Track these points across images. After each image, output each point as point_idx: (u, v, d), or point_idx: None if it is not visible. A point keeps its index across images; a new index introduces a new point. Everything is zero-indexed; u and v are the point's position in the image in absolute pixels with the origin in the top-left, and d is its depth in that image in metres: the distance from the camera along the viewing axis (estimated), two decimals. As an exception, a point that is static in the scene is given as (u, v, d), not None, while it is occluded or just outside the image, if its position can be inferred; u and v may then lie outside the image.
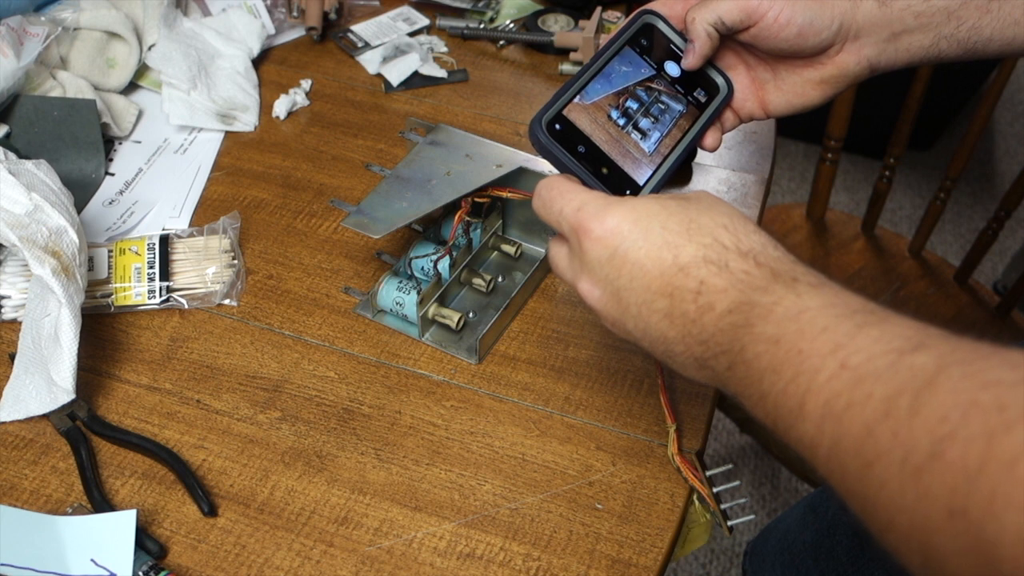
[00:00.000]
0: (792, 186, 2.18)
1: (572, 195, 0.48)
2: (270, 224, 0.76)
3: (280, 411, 0.62)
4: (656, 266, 0.44)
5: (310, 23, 0.96)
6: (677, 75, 0.59)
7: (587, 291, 0.48)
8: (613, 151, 0.54)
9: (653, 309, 0.45)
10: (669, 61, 0.58)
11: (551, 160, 0.53)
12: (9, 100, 0.78)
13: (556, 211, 0.49)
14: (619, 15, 1.00)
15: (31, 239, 0.61)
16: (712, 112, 0.59)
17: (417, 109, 0.90)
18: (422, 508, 0.57)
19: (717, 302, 0.42)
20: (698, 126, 0.58)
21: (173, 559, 0.53)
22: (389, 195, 0.67)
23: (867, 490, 0.35)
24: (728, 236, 0.44)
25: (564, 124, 0.53)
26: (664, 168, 0.56)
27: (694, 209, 0.46)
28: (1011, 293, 1.20)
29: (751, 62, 0.61)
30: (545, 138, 0.52)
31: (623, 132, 0.55)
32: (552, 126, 0.53)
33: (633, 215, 0.46)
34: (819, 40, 0.57)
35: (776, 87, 0.60)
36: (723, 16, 0.56)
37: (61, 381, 0.59)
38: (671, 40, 0.59)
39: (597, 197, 0.48)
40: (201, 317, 0.68)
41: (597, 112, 0.55)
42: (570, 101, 0.54)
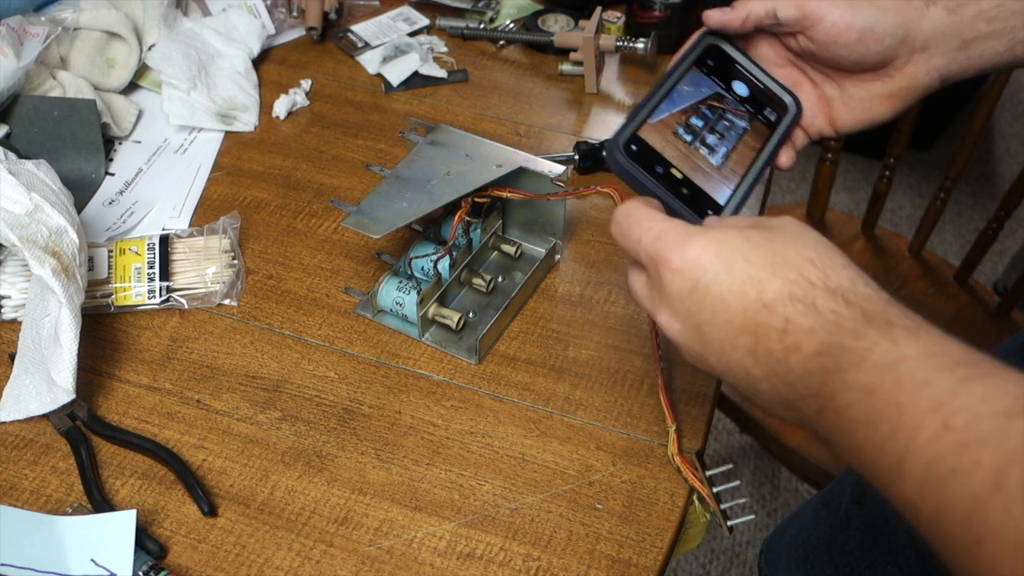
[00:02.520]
0: (792, 186, 2.18)
1: (651, 223, 0.46)
2: (270, 224, 0.76)
3: (280, 411, 0.62)
4: (739, 302, 0.42)
5: (310, 23, 0.96)
6: (745, 95, 0.58)
7: (667, 323, 0.46)
8: (691, 171, 0.53)
9: (736, 345, 0.43)
10: (736, 81, 0.58)
11: (631, 182, 0.52)
12: (9, 100, 0.78)
13: (634, 240, 0.47)
14: (619, 15, 1.00)
15: (31, 239, 0.61)
16: (784, 130, 0.58)
17: (417, 109, 0.90)
18: (422, 508, 0.57)
19: (804, 343, 0.40)
20: (771, 144, 0.57)
21: (173, 559, 0.53)
22: (389, 195, 0.67)
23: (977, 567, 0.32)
24: (815, 271, 0.42)
25: (640, 145, 0.52)
26: (743, 187, 0.55)
27: (779, 241, 0.43)
28: (1011, 293, 1.20)
29: (817, 79, 0.59)
30: (624, 159, 0.51)
31: (698, 152, 0.54)
32: (629, 147, 0.52)
33: (715, 247, 0.44)
34: (882, 48, 0.54)
35: (844, 103, 0.58)
36: (778, 9, 0.55)
37: (61, 381, 0.59)
38: (736, 60, 0.58)
39: (676, 226, 0.45)
40: (201, 317, 0.68)
41: (669, 132, 0.54)
42: (644, 122, 0.53)
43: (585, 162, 0.82)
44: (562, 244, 0.73)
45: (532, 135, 0.87)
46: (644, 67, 0.97)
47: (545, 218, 0.72)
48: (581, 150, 0.82)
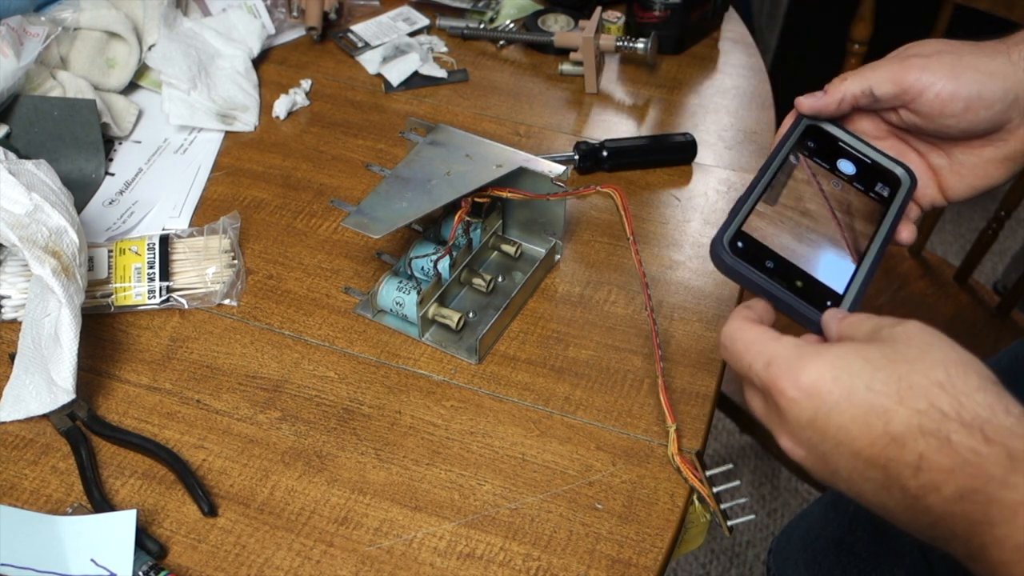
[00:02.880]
0: (792, 186, 2.18)
1: (759, 348, 0.44)
2: (270, 224, 0.76)
3: (280, 411, 0.62)
4: (865, 435, 0.39)
5: (310, 23, 0.96)
6: (852, 173, 0.55)
7: (790, 449, 0.43)
8: (803, 260, 0.50)
9: (866, 478, 0.40)
10: (841, 159, 0.55)
11: (740, 282, 0.49)
12: (9, 100, 0.78)
13: (745, 366, 0.44)
14: (619, 15, 1.00)
15: (31, 239, 0.61)
16: (900, 205, 0.54)
17: (417, 109, 0.90)
18: (422, 508, 0.57)
19: (943, 484, 0.37)
20: (888, 222, 0.54)
21: (173, 559, 0.53)
22: (389, 195, 0.67)
23: None
24: (947, 399, 0.38)
25: (746, 240, 0.49)
26: (863, 272, 0.51)
27: (902, 361, 0.40)
28: (1011, 293, 1.20)
29: (922, 149, 0.56)
30: (731, 259, 0.48)
31: (809, 239, 0.51)
32: (735, 244, 0.49)
33: (832, 372, 0.40)
34: (991, 114, 0.51)
35: (954, 171, 0.55)
36: (874, 86, 0.52)
37: (61, 381, 0.59)
38: (839, 138, 0.56)
39: (786, 349, 0.42)
40: (201, 317, 0.68)
41: (775, 221, 0.51)
42: (749, 215, 0.50)
43: (585, 162, 0.82)
44: (562, 244, 0.73)
45: (532, 135, 0.87)
46: (644, 67, 0.97)
47: (545, 218, 0.72)
48: (581, 150, 0.82)
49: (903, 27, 1.76)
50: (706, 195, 0.81)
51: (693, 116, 0.91)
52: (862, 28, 1.21)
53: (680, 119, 0.91)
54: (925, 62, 0.52)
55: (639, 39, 0.93)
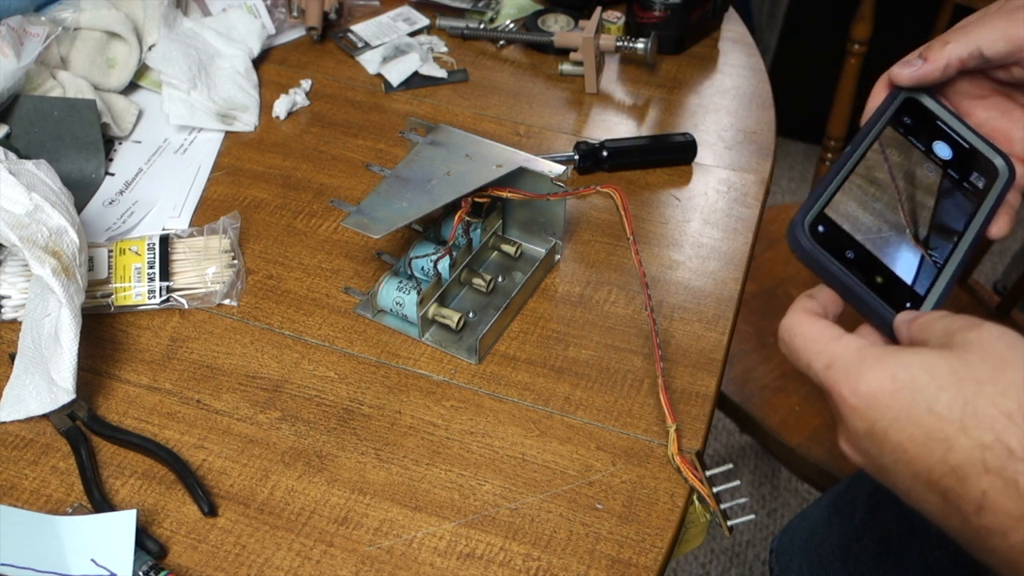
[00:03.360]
0: (792, 186, 2.18)
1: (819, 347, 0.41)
2: (270, 224, 0.76)
3: (280, 411, 0.62)
4: (923, 459, 0.36)
5: (310, 23, 0.96)
6: (948, 158, 0.50)
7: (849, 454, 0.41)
8: (885, 254, 0.46)
9: (924, 499, 0.37)
10: (938, 141, 0.51)
11: (815, 270, 0.45)
12: (9, 100, 0.78)
13: (804, 365, 0.42)
14: (619, 15, 1.00)
15: (31, 239, 0.61)
16: (995, 199, 0.50)
17: (417, 109, 0.90)
18: (422, 508, 0.57)
19: (1010, 531, 0.34)
20: (980, 217, 0.49)
21: (173, 559, 0.53)
22: (389, 195, 0.67)
23: None
24: (1016, 433, 0.34)
25: (828, 226, 0.45)
26: (947, 273, 0.47)
27: (970, 382, 0.36)
28: (1011, 293, 1.20)
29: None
30: (809, 244, 0.44)
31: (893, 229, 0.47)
32: (815, 228, 0.45)
33: (892, 385, 0.37)
34: None
35: None
36: (983, 47, 0.47)
37: (61, 381, 0.59)
38: (938, 117, 0.51)
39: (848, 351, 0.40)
40: (201, 317, 0.68)
41: (860, 207, 0.47)
42: (833, 197, 0.46)
43: (585, 162, 0.82)
44: (562, 244, 0.74)
45: (532, 135, 0.87)
46: (644, 67, 0.97)
47: (545, 218, 0.72)
48: (581, 150, 0.82)
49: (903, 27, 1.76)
50: (706, 195, 0.81)
51: (693, 116, 0.91)
52: (862, 28, 1.21)
53: (680, 119, 0.91)
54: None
55: (639, 39, 0.93)
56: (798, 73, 2.02)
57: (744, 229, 0.78)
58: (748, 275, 0.75)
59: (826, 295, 0.45)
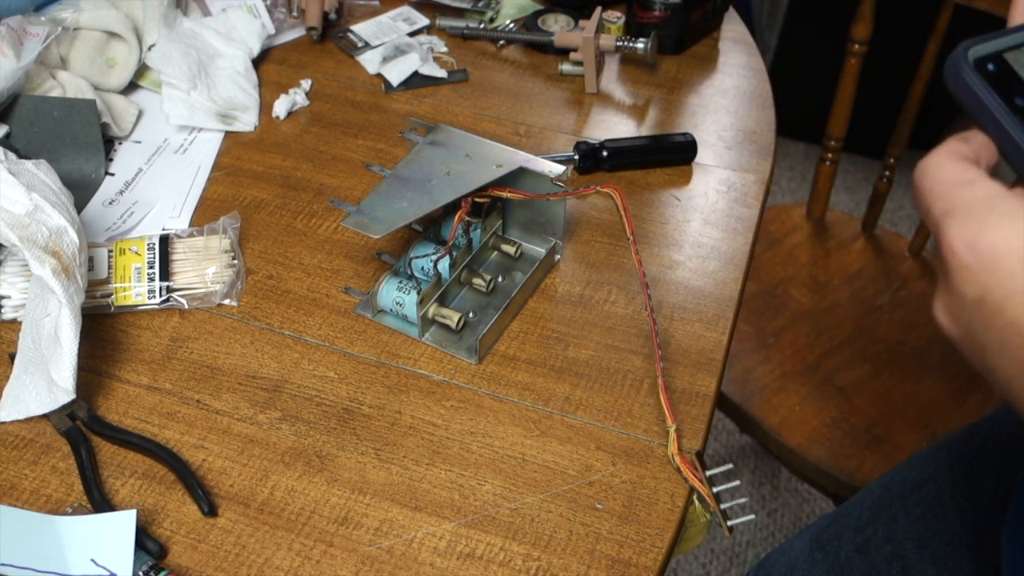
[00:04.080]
0: (792, 186, 2.19)
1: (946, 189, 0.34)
2: (270, 224, 0.76)
3: (280, 411, 0.62)
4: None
5: (310, 23, 0.96)
6: None
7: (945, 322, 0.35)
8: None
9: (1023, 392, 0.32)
10: None
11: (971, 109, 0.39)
12: (9, 100, 0.78)
13: (924, 208, 0.35)
14: (619, 15, 1.00)
15: (31, 239, 0.61)
16: None
17: (417, 109, 0.90)
18: (422, 508, 0.57)
19: None
20: None
21: (173, 559, 0.53)
22: (389, 195, 0.67)
23: None
24: None
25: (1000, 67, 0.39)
26: None
27: None
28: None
29: None
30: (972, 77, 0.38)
31: None
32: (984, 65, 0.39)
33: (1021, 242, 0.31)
34: None
35: None
36: None
37: (61, 381, 0.59)
38: None
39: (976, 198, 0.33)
40: (201, 317, 0.68)
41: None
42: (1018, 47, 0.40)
43: (585, 162, 0.82)
44: (562, 244, 0.74)
45: (532, 135, 0.87)
46: (644, 67, 0.97)
47: (545, 218, 0.72)
48: (581, 150, 0.82)
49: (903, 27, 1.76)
50: (706, 195, 0.81)
51: (693, 116, 0.91)
52: (862, 28, 1.21)
53: (680, 119, 0.91)
54: None
55: (639, 39, 0.93)
56: (798, 73, 2.02)
57: (744, 229, 0.78)
58: (748, 275, 0.75)
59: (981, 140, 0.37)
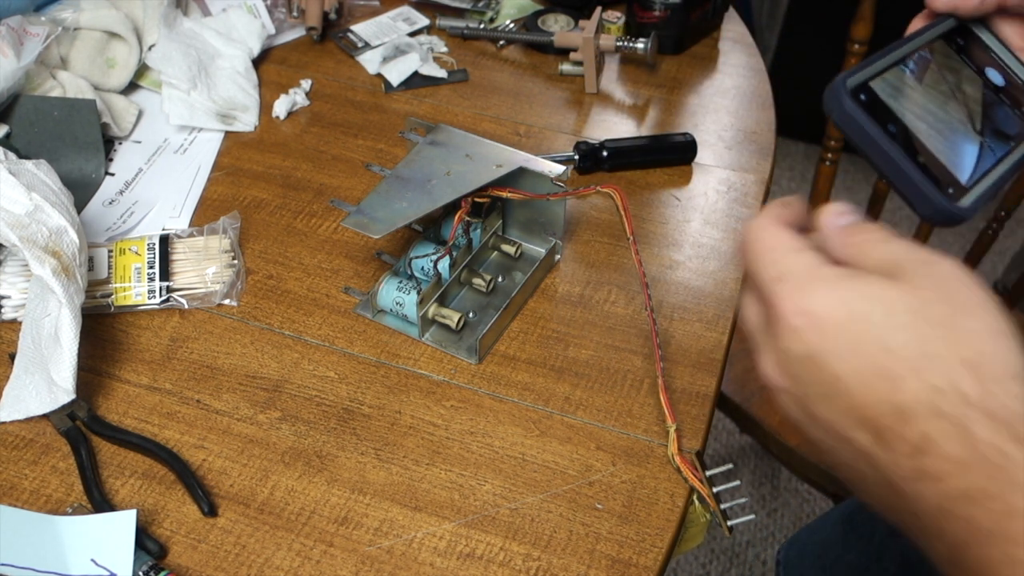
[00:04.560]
0: (792, 186, 2.19)
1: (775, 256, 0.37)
2: (270, 224, 0.76)
3: (280, 411, 0.62)
4: (864, 395, 0.34)
5: (310, 23, 0.96)
6: (1001, 84, 0.49)
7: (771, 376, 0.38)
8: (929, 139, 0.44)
9: (849, 439, 0.35)
10: (990, 69, 0.49)
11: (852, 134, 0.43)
12: (9, 100, 0.78)
13: (753, 271, 0.38)
14: (619, 15, 1.00)
15: (31, 239, 0.61)
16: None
17: (417, 109, 0.90)
18: (422, 508, 0.57)
19: (948, 476, 0.32)
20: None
21: (173, 559, 0.53)
22: (389, 195, 0.67)
23: None
24: (972, 383, 0.32)
25: (870, 96, 0.43)
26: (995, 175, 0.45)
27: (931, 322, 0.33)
28: (1011, 293, 1.20)
29: None
30: (852, 105, 0.42)
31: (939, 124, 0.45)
32: (857, 94, 0.43)
33: (844, 310, 0.34)
34: None
35: None
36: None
37: (61, 381, 0.59)
38: (992, 48, 0.50)
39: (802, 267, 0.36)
40: (201, 317, 0.68)
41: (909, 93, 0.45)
42: (884, 71, 0.44)
43: (585, 162, 0.82)
44: (562, 244, 0.73)
45: (532, 135, 0.87)
46: (644, 67, 0.97)
47: (545, 218, 0.72)
48: (581, 150, 0.82)
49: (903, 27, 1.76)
50: (706, 195, 0.81)
51: (693, 116, 0.91)
52: (862, 28, 1.21)
53: (680, 119, 0.91)
54: None
55: (639, 39, 0.93)
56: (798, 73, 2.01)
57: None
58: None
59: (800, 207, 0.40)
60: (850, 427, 0.35)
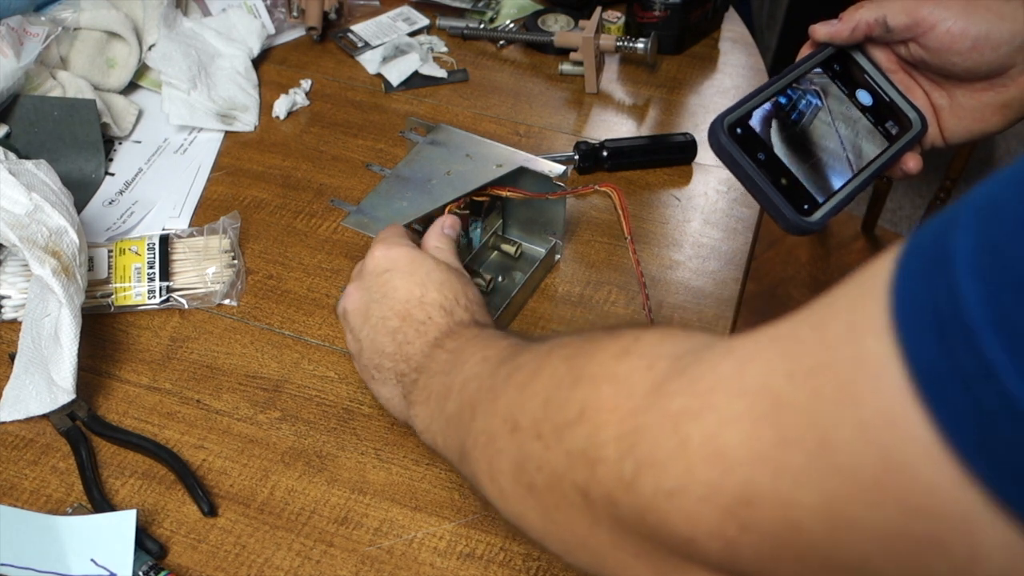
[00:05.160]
0: (792, 186, 2.18)
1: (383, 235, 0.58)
2: (270, 224, 0.76)
3: (280, 411, 0.62)
4: (405, 294, 0.54)
5: (310, 23, 0.96)
6: (869, 104, 0.57)
7: (349, 293, 0.57)
8: (793, 164, 0.54)
9: (386, 326, 0.54)
10: (861, 90, 0.57)
11: (729, 164, 0.52)
12: (9, 100, 0.78)
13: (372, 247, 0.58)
14: (619, 15, 1.00)
15: (31, 239, 0.61)
16: (903, 145, 0.57)
17: (417, 109, 0.90)
18: (422, 508, 0.56)
19: (431, 332, 0.52)
20: (885, 156, 0.57)
21: (173, 559, 0.53)
22: (389, 195, 0.67)
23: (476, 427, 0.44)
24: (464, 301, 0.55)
25: (746, 129, 0.53)
26: (845, 191, 0.55)
27: (456, 277, 0.56)
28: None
29: (927, 87, 0.58)
30: (726, 139, 0.52)
31: (805, 148, 0.54)
32: (733, 130, 0.52)
33: (414, 255, 0.56)
34: (997, 56, 0.52)
35: (953, 113, 0.57)
36: (888, 16, 0.54)
37: (61, 381, 0.59)
38: (864, 69, 0.58)
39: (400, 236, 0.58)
40: (201, 317, 0.68)
41: (779, 123, 0.54)
42: (757, 108, 0.54)
43: (585, 162, 0.82)
44: (562, 244, 0.73)
45: (532, 135, 0.87)
46: (644, 67, 0.97)
47: (545, 218, 0.72)
48: (581, 150, 0.82)
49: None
50: (706, 195, 0.81)
51: (693, 116, 0.91)
52: (862, 28, 1.21)
53: (680, 119, 0.91)
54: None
55: (639, 39, 0.93)
56: (798, 73, 2.01)
57: (744, 229, 0.78)
58: (748, 275, 0.75)
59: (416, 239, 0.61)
60: (388, 317, 0.54)
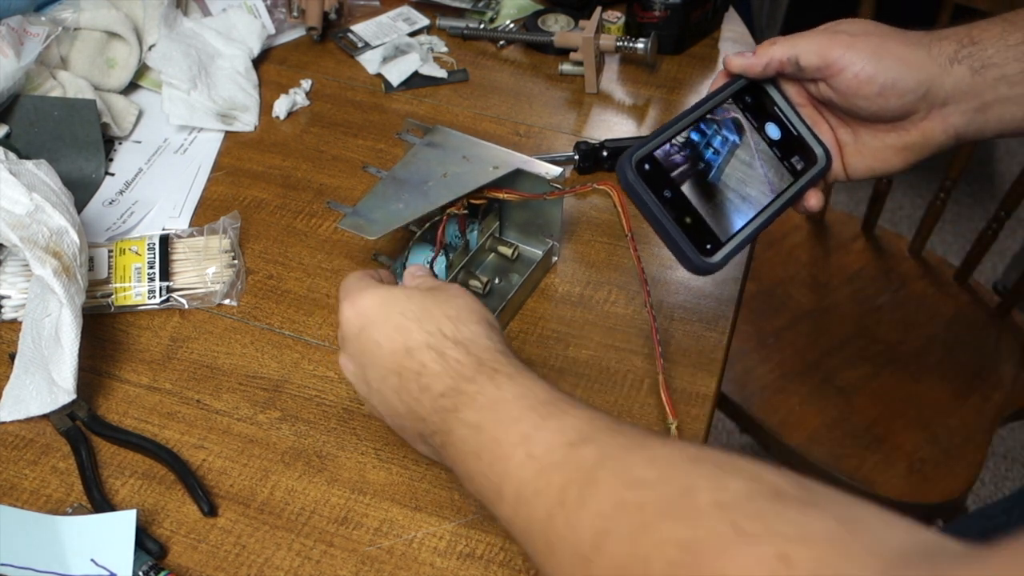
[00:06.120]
0: (792, 186, 2.18)
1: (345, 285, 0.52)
2: (270, 224, 0.76)
3: (280, 411, 0.62)
4: (388, 347, 0.48)
5: (310, 23, 0.96)
6: (776, 138, 0.58)
7: (344, 364, 0.52)
8: (699, 202, 0.54)
9: (387, 385, 0.49)
10: (770, 123, 0.58)
11: (635, 200, 0.52)
12: (9, 100, 0.78)
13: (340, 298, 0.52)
14: (619, 15, 1.00)
15: (32, 239, 0.61)
16: (807, 181, 0.58)
17: (417, 109, 0.90)
18: (422, 508, 0.57)
19: (434, 384, 0.46)
20: (790, 192, 0.57)
21: (173, 559, 0.54)
22: (385, 197, 0.67)
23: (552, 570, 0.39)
24: (450, 326, 0.48)
25: (654, 166, 0.53)
26: (747, 230, 0.55)
27: (431, 299, 0.49)
28: (1011, 293, 1.20)
29: (833, 123, 0.59)
30: (633, 176, 0.51)
31: (712, 186, 0.55)
32: (642, 166, 0.52)
33: (380, 299, 0.50)
34: (902, 103, 0.54)
35: (857, 150, 0.58)
36: (800, 55, 0.55)
37: (61, 381, 0.59)
38: (775, 102, 0.58)
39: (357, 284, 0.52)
40: (201, 317, 0.68)
41: (686, 160, 0.54)
42: (664, 143, 0.53)
43: (585, 162, 0.82)
44: (559, 246, 0.73)
45: (532, 135, 0.87)
46: (644, 67, 0.97)
47: (542, 220, 0.72)
48: (581, 150, 0.82)
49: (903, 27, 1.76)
50: (706, 195, 0.81)
51: (693, 116, 0.91)
52: (862, 28, 1.21)
53: (680, 119, 0.91)
54: (852, 40, 0.54)
55: (639, 39, 0.93)
56: (798, 73, 2.01)
57: (744, 229, 0.78)
58: (748, 275, 0.75)
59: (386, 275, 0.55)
60: (386, 376, 0.49)
